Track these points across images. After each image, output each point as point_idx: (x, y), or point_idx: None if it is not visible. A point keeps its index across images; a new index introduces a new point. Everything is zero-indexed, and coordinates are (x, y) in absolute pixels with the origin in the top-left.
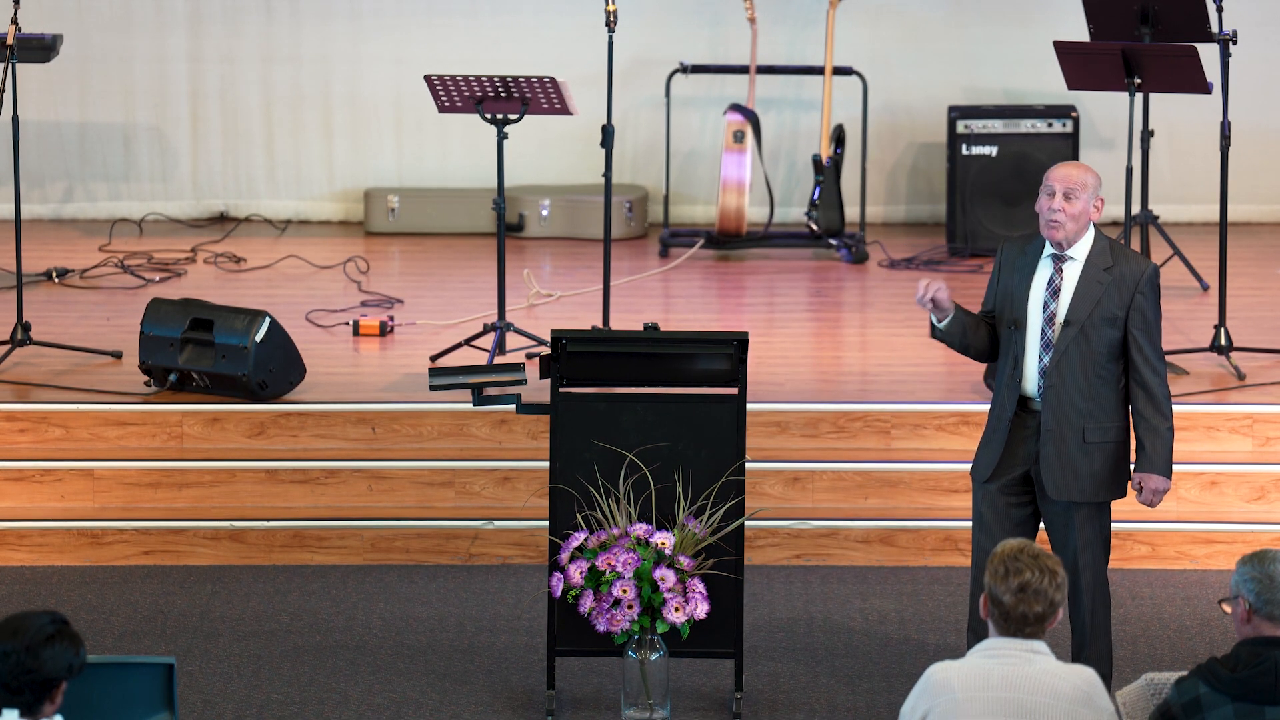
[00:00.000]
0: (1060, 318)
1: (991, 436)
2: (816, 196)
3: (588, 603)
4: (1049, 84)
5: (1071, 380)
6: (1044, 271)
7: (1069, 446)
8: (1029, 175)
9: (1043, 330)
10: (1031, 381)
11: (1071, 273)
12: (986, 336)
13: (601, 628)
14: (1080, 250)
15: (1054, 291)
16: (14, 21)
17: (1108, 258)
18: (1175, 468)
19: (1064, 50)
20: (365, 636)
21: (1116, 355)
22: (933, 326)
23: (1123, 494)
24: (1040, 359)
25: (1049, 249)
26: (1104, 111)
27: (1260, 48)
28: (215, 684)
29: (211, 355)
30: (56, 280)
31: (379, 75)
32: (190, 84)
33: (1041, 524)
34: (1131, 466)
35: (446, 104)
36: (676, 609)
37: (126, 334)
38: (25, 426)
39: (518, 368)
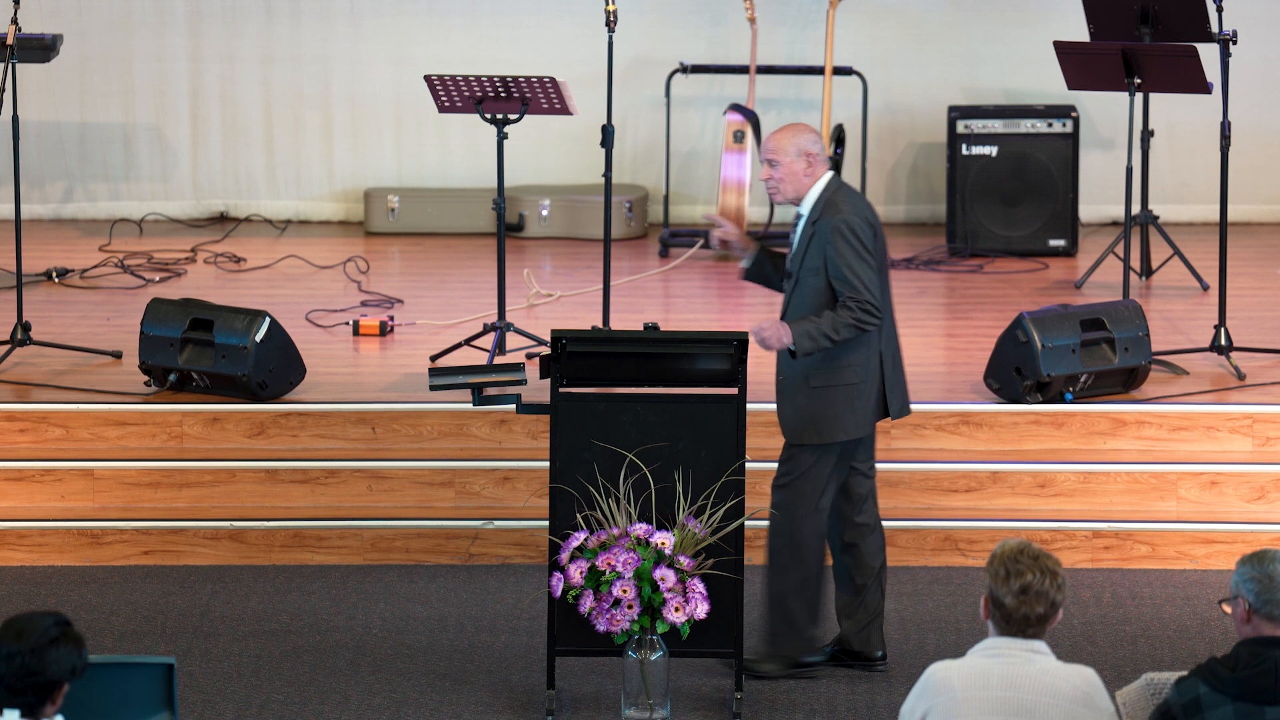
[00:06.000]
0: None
1: None
2: None
3: (588, 603)
4: (1049, 84)
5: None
6: None
7: (787, 390)
8: (1029, 175)
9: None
10: None
11: (798, 228)
12: None
13: (601, 628)
14: (806, 206)
15: (790, 246)
16: (14, 21)
17: (818, 211)
18: (1175, 468)
19: (1064, 50)
20: (365, 636)
21: (827, 303)
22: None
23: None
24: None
25: None
26: (1104, 111)
27: (1260, 48)
28: (215, 684)
29: (211, 355)
30: (56, 280)
31: (379, 75)
32: (190, 84)
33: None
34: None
35: (446, 104)
36: (676, 609)
37: (126, 334)
38: (25, 426)
39: (518, 368)
